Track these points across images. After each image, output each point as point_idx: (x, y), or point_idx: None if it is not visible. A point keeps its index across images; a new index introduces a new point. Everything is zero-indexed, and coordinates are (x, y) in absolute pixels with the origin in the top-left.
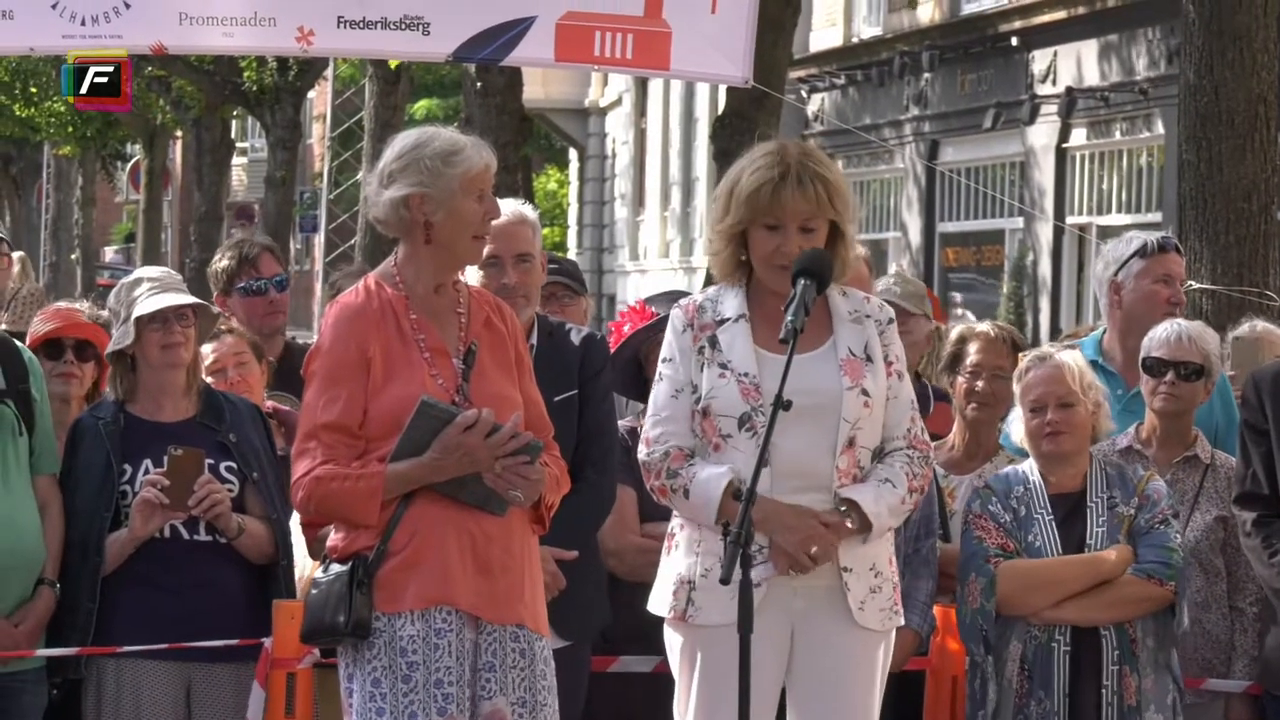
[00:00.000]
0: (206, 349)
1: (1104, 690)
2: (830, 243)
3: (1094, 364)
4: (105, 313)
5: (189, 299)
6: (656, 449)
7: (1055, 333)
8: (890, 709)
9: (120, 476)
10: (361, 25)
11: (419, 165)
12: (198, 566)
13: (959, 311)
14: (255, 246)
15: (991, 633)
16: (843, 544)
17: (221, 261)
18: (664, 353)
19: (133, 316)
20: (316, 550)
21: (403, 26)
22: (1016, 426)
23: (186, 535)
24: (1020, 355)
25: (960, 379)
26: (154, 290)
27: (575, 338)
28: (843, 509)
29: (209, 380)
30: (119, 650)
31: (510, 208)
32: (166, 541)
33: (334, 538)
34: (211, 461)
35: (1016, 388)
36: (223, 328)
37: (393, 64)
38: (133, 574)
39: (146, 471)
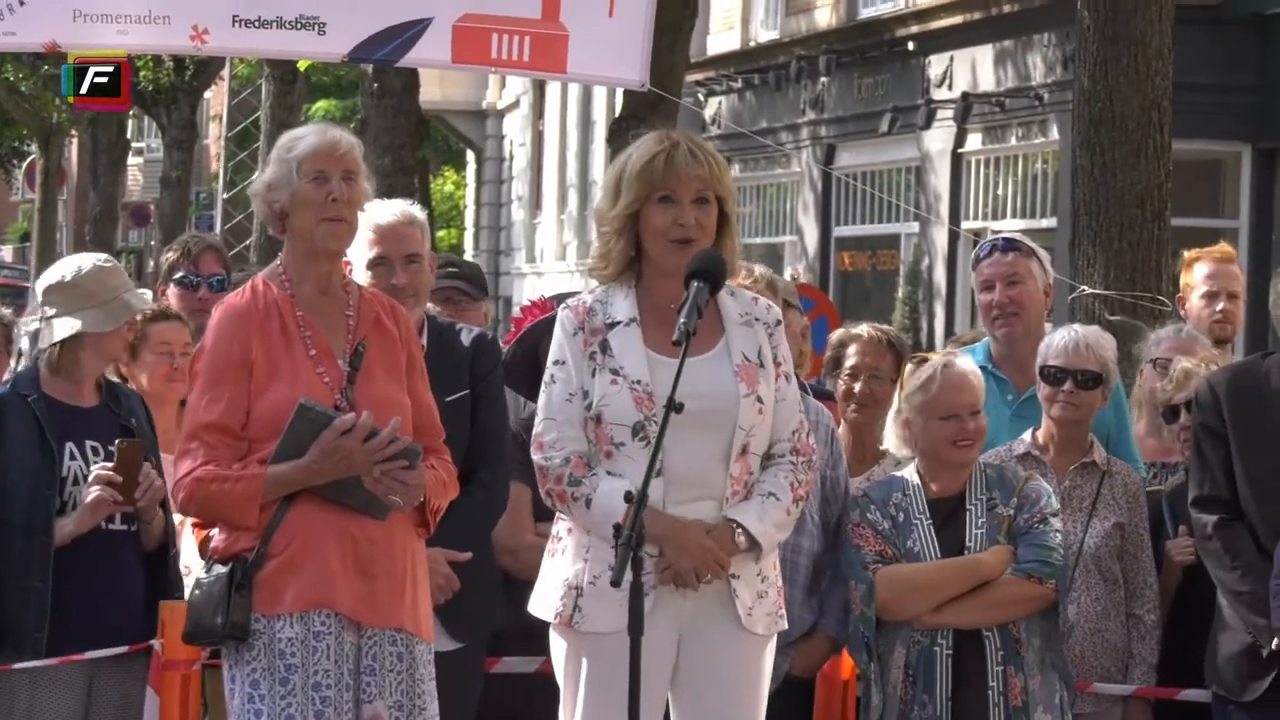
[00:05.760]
0: (159, 326)
1: (990, 691)
2: (717, 229)
3: (984, 369)
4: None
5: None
6: (554, 454)
7: (950, 337)
8: (781, 715)
9: (60, 457)
10: (256, 24)
11: (274, 157)
12: (106, 556)
13: None
14: (200, 244)
15: (874, 640)
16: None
17: (169, 254)
18: (554, 354)
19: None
20: (207, 549)
21: (298, 26)
22: (891, 433)
23: (103, 524)
24: (908, 358)
25: (840, 381)
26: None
27: (465, 338)
28: (736, 529)
29: (151, 359)
30: (13, 667)
31: (398, 208)
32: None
33: (216, 539)
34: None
35: (912, 393)
36: (175, 312)
37: (302, 65)
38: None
39: (71, 456)
